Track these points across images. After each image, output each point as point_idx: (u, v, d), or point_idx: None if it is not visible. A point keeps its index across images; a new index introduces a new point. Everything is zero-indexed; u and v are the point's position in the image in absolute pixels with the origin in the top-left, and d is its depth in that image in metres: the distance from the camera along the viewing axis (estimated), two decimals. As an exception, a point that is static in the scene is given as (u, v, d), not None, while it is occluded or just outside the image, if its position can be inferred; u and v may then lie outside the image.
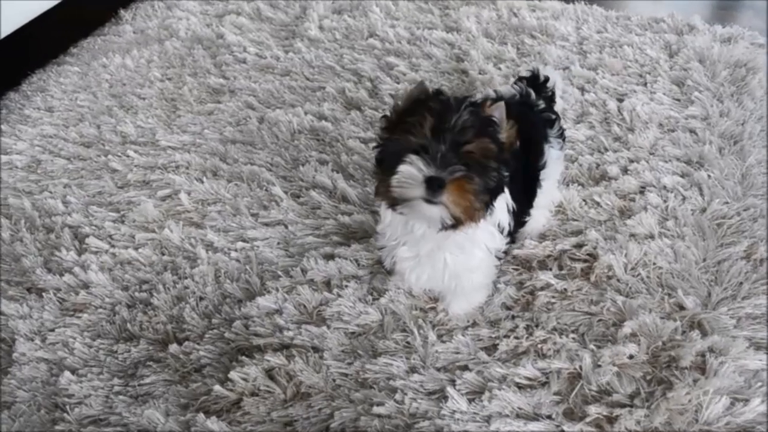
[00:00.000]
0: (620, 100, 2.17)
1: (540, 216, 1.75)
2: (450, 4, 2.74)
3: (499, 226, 1.40)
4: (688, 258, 1.68)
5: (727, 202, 1.81)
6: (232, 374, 1.50)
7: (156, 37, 2.74)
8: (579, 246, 1.73)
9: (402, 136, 1.21)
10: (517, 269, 1.70)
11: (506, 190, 1.36)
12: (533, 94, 1.60)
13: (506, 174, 1.29)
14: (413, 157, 1.18)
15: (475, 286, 1.51)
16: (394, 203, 1.25)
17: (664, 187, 1.86)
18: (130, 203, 1.97)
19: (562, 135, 1.62)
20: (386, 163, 1.24)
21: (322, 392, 1.48)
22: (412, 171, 1.18)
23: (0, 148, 2.24)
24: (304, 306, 1.65)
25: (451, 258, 1.39)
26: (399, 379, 1.48)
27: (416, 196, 1.19)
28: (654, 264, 1.67)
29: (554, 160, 1.59)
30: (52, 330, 1.64)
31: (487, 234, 1.38)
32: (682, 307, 1.58)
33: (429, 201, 1.19)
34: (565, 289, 1.64)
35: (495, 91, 1.66)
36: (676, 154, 1.96)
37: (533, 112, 1.56)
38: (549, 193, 1.68)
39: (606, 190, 1.87)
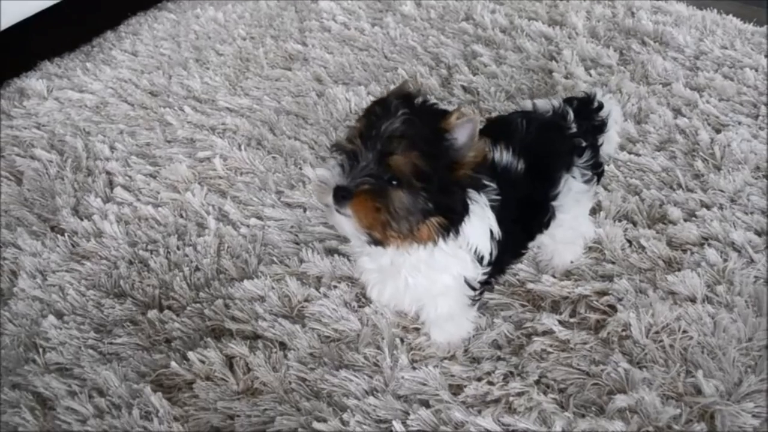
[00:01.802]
0: (717, 131, 1.87)
1: (565, 251, 1.56)
2: (565, -7, 2.49)
3: (476, 252, 1.24)
4: (729, 333, 1.42)
5: (803, 276, 1.50)
6: (191, 354, 1.46)
7: (255, -8, 2.73)
8: (602, 293, 1.52)
9: (344, 140, 1.13)
10: (525, 305, 1.52)
11: (491, 215, 1.22)
12: (571, 116, 1.39)
13: (498, 196, 1.21)
14: (332, 162, 1.10)
15: (441, 315, 1.35)
16: None
17: (732, 244, 1.58)
18: (169, 159, 1.98)
19: (594, 166, 1.40)
20: None
21: (273, 393, 1.41)
22: (326, 175, 1.10)
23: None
24: (289, 298, 1.57)
25: (412, 279, 1.25)
26: (353, 398, 1.38)
27: (329, 204, 1.10)
28: (684, 332, 1.43)
29: (575, 192, 1.37)
30: (55, 272, 1.69)
31: (455, 260, 1.23)
32: (699, 391, 1.33)
33: (338, 211, 1.09)
34: (568, 340, 1.44)
35: (534, 102, 1.46)
36: (762, 207, 1.66)
37: (560, 134, 1.36)
38: (574, 227, 1.48)
39: (658, 235, 1.62)
